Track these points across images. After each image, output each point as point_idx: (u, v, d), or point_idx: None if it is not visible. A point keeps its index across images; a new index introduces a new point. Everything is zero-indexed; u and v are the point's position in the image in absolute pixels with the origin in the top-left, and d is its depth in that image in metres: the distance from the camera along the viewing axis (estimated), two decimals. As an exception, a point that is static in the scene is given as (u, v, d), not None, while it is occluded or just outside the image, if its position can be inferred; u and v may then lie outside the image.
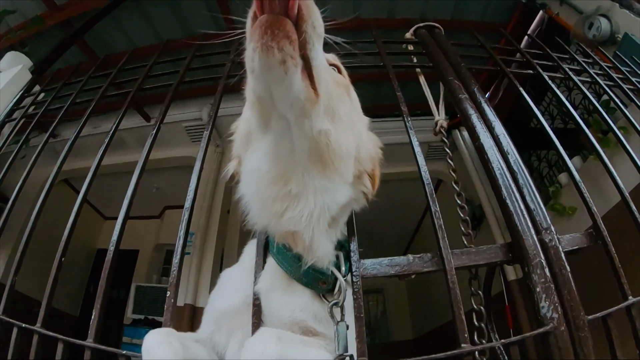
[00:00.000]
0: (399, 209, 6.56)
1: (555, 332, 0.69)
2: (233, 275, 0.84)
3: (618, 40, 2.51)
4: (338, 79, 0.73)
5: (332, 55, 0.77)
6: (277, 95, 0.59)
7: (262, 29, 0.53)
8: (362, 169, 0.78)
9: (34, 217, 1.07)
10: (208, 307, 0.81)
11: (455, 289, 0.74)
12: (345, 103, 0.72)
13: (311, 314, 0.70)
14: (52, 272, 0.86)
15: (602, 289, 2.12)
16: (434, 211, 0.82)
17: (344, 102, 0.71)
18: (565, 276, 0.74)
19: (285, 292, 0.72)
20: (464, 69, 1.23)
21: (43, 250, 1.54)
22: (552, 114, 3.76)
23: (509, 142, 0.96)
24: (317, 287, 0.71)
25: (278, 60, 0.54)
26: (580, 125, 1.21)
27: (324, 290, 0.71)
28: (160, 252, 6.57)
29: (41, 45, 3.47)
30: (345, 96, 0.73)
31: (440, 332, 6.55)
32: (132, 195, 1.03)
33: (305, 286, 0.71)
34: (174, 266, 0.82)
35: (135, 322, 5.09)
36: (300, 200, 0.66)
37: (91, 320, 0.74)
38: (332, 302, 0.68)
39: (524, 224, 0.81)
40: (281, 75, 0.55)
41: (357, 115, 0.79)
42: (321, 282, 0.71)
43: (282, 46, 0.53)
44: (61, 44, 2.06)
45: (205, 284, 4.27)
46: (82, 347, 0.75)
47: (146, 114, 4.53)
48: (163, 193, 5.92)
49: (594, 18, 2.64)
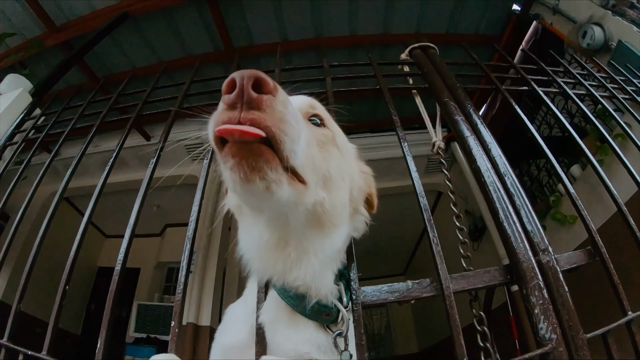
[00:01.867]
0: (400, 222, 6.55)
1: (554, 352, 0.70)
2: (237, 311, 0.83)
3: (612, 48, 2.54)
4: (321, 136, 0.70)
5: (309, 104, 0.75)
6: (264, 205, 0.60)
7: (236, 160, 0.51)
8: (357, 203, 0.79)
9: (38, 241, 1.08)
10: (214, 344, 0.79)
11: (454, 314, 0.74)
12: (334, 157, 0.70)
13: (315, 345, 0.70)
14: (57, 299, 0.87)
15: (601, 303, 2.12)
16: (432, 237, 0.83)
17: (332, 158, 0.69)
18: (564, 296, 0.75)
19: (289, 324, 0.71)
20: (459, 89, 1.25)
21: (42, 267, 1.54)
22: (549, 123, 3.79)
23: (505, 163, 0.97)
24: (320, 319, 0.71)
25: (261, 188, 0.52)
26: (575, 138, 1.23)
27: (328, 322, 0.71)
28: (162, 270, 6.56)
29: (41, 65, 3.52)
30: (332, 151, 0.71)
31: (445, 345, 6.47)
32: (135, 221, 1.03)
33: (309, 319, 0.71)
34: (177, 295, 0.82)
35: (137, 341, 5.05)
36: (302, 262, 0.66)
37: (96, 350, 0.75)
38: (335, 332, 0.68)
39: (521, 246, 0.81)
40: (267, 196, 0.54)
41: (346, 157, 0.77)
42: (324, 315, 0.71)
43: (264, 175, 0.52)
44: (61, 66, 2.08)
45: (207, 302, 4.26)
46: None
47: (146, 133, 4.57)
48: (164, 211, 5.94)
49: (588, 27, 2.67)
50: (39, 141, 1.52)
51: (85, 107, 1.49)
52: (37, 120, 1.66)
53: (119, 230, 6.34)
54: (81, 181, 3.72)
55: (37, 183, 1.29)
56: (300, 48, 3.97)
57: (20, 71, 2.76)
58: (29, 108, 1.83)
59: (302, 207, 0.61)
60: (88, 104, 1.51)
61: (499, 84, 1.38)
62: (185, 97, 1.47)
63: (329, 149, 0.70)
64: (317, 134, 0.68)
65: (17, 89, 1.95)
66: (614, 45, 2.60)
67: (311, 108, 0.74)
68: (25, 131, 1.64)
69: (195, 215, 0.99)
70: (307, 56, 3.98)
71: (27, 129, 1.66)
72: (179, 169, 3.81)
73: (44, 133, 1.52)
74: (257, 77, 0.49)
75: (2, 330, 0.93)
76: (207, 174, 1.17)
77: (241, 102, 0.50)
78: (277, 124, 0.51)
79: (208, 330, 4.06)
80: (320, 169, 0.63)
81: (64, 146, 1.45)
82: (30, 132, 1.62)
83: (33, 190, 1.27)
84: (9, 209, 1.37)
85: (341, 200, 0.70)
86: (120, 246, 0.96)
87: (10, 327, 0.90)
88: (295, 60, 3.99)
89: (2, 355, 0.86)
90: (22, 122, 1.74)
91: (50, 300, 0.94)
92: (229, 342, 0.77)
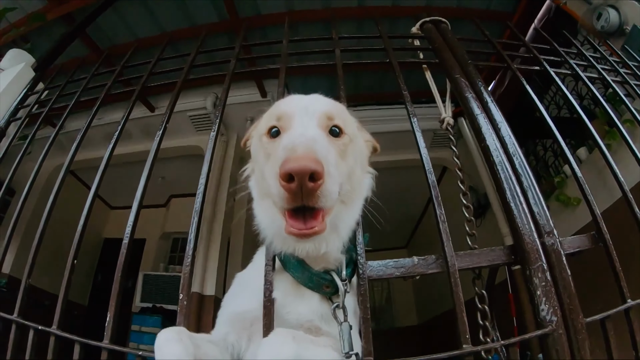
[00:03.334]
0: (404, 195, 6.57)
1: (554, 334, 0.71)
2: (247, 279, 0.88)
3: (626, 32, 2.45)
4: (341, 146, 0.75)
5: (327, 116, 0.77)
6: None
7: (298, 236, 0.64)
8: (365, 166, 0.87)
9: (45, 216, 1.10)
10: (222, 310, 0.84)
11: (459, 291, 0.76)
12: (351, 158, 0.77)
13: (318, 314, 0.75)
14: (65, 274, 0.89)
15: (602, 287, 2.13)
16: (439, 214, 0.84)
17: (351, 161, 0.77)
18: (566, 280, 0.76)
19: (296, 297, 0.77)
20: (471, 66, 1.22)
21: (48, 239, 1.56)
22: (558, 104, 3.72)
23: (514, 143, 0.96)
24: (321, 290, 0.76)
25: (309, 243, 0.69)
26: (585, 122, 1.21)
27: (329, 293, 0.76)
28: (167, 240, 6.64)
29: (43, 39, 3.45)
30: (349, 153, 0.77)
31: (445, 318, 6.63)
32: (142, 195, 1.04)
33: (312, 290, 0.77)
34: (184, 268, 0.84)
35: (143, 310, 5.14)
36: (321, 243, 0.73)
37: (106, 321, 0.77)
38: (334, 304, 0.73)
39: (527, 227, 0.82)
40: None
41: (357, 146, 0.83)
42: (325, 286, 0.76)
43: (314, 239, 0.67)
44: (63, 40, 2.04)
45: (212, 272, 4.33)
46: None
47: (150, 105, 4.53)
48: (169, 182, 5.96)
49: (603, 8, 2.57)
50: (43, 116, 1.51)
51: (88, 80, 1.47)
52: (40, 95, 1.65)
53: (124, 202, 6.40)
54: (85, 154, 3.72)
55: (42, 158, 1.29)
56: (308, 19, 3.86)
57: (22, 45, 2.71)
58: (32, 83, 1.81)
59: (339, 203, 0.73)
60: (92, 77, 1.49)
61: (511, 62, 1.34)
62: (191, 69, 1.44)
63: (347, 154, 0.76)
64: (338, 146, 0.74)
65: (20, 63, 1.92)
66: (629, 30, 2.50)
67: (329, 120, 0.76)
68: (29, 106, 1.62)
69: (202, 188, 0.98)
70: (315, 27, 3.87)
71: (30, 104, 1.65)
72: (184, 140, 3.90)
73: (47, 107, 1.51)
74: (311, 171, 0.60)
75: (12, 304, 0.95)
76: (214, 148, 1.15)
77: (300, 194, 0.61)
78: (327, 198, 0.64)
79: (212, 299, 4.16)
80: (343, 174, 0.72)
81: (68, 119, 1.44)
82: (34, 107, 1.61)
83: (38, 165, 1.27)
84: (15, 184, 1.38)
85: (357, 180, 0.79)
86: (125, 217, 0.97)
87: (19, 303, 0.92)
88: (302, 32, 3.89)
89: (13, 330, 0.88)
90: (26, 97, 1.72)
91: (57, 271, 0.96)
92: (238, 309, 0.81)
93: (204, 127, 4.98)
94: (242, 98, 4.55)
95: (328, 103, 0.82)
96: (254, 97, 4.71)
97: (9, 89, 1.67)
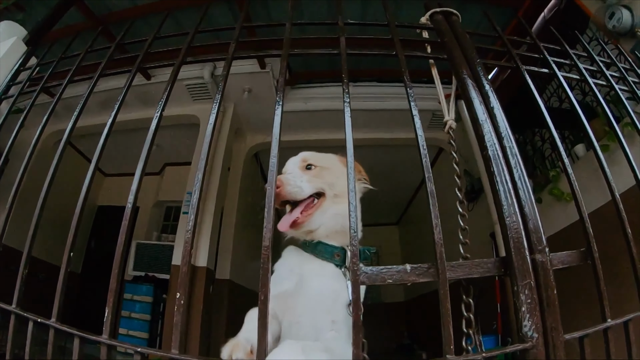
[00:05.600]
0: (398, 173, 6.63)
1: (534, 350, 0.74)
2: (280, 268, 1.14)
3: (638, 35, 2.40)
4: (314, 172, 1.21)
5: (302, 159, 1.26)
6: None
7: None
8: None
9: (46, 189, 1.08)
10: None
11: (447, 302, 0.77)
12: (326, 175, 1.21)
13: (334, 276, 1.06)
14: (62, 266, 0.88)
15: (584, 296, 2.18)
16: (435, 224, 0.84)
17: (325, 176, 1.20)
18: (551, 297, 0.78)
19: (315, 268, 1.08)
20: (480, 65, 1.19)
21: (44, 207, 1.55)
22: (560, 97, 3.69)
23: (516, 154, 0.96)
24: (334, 259, 1.08)
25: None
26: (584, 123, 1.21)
27: (340, 261, 1.07)
28: (160, 208, 6.66)
29: (38, 6, 3.29)
30: (322, 174, 1.21)
31: (427, 297, 6.85)
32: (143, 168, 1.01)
33: (327, 260, 1.08)
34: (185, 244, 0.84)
35: (136, 279, 5.21)
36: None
37: (105, 317, 0.78)
38: (343, 267, 1.06)
39: (520, 243, 0.83)
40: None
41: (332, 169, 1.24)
42: (336, 255, 1.08)
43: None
44: (57, 9, 1.94)
45: (204, 243, 4.36)
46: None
47: (147, 73, 4.42)
48: (163, 150, 5.92)
49: (616, 8, 2.50)
50: (37, 91, 1.46)
51: (83, 55, 1.42)
52: (32, 72, 1.58)
53: (118, 169, 6.35)
54: (80, 122, 3.66)
55: (40, 131, 1.26)
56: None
57: (17, 14, 2.58)
58: (24, 57, 1.73)
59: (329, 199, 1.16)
60: (86, 52, 1.44)
61: (521, 63, 1.32)
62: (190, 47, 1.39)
63: (322, 175, 1.19)
64: (314, 173, 1.20)
65: (11, 38, 1.83)
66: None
67: (303, 162, 1.23)
68: (21, 83, 1.57)
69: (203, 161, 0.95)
70: (319, 4, 3.76)
71: (23, 79, 1.59)
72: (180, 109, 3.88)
73: (41, 84, 1.46)
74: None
75: (5, 279, 0.94)
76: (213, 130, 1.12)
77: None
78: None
79: (204, 271, 4.23)
80: (325, 183, 1.17)
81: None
82: (26, 84, 1.55)
83: (36, 139, 1.25)
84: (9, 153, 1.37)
85: (341, 188, 1.15)
86: (119, 185, 0.97)
87: (17, 294, 0.92)
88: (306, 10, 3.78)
89: (12, 322, 0.89)
90: (18, 73, 1.65)
91: (52, 241, 0.95)
92: (278, 291, 1.02)
93: (201, 96, 4.90)
94: (240, 69, 4.45)
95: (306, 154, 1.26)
96: (252, 68, 4.62)
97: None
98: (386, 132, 5.45)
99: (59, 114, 2.03)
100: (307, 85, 5.13)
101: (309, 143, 5.39)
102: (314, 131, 5.43)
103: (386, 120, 5.20)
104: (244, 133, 5.73)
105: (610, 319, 0.85)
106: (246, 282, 5.51)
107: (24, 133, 1.42)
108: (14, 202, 1.20)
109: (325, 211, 1.13)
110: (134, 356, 0.78)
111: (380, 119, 5.17)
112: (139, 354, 0.75)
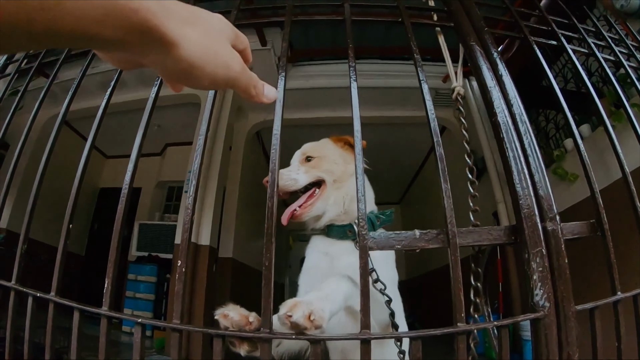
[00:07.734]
0: (400, 152, 6.57)
1: (545, 320, 0.73)
2: (311, 248, 1.28)
3: None
4: (313, 163, 1.30)
5: (302, 152, 1.35)
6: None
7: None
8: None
9: (41, 170, 1.06)
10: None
11: (457, 269, 0.76)
12: (325, 163, 1.30)
13: (350, 250, 1.14)
14: (60, 242, 0.87)
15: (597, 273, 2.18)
16: (445, 189, 0.82)
17: (324, 164, 1.30)
18: (563, 266, 0.76)
19: (337, 246, 1.19)
20: (488, 33, 1.15)
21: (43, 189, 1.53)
22: (565, 77, 3.61)
23: (526, 121, 0.93)
24: (347, 236, 1.18)
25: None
26: (594, 98, 1.17)
27: (353, 236, 1.16)
28: (162, 189, 6.66)
29: None
30: (321, 163, 1.30)
31: (428, 278, 6.91)
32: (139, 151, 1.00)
33: (343, 239, 1.19)
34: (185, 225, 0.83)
35: (139, 259, 5.25)
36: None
37: (105, 288, 0.76)
38: (355, 241, 1.12)
39: (531, 210, 0.81)
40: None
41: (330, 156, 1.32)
42: (348, 231, 1.18)
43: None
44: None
45: (207, 222, 4.36)
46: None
47: (145, 50, 4.34)
48: (164, 130, 5.87)
49: None
50: (32, 70, 1.41)
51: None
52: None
53: (120, 151, 6.32)
54: (79, 103, 3.60)
55: (35, 112, 1.23)
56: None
57: None
58: None
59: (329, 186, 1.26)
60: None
61: (529, 35, 1.27)
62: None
63: (321, 165, 1.28)
64: (312, 164, 1.29)
65: None
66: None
67: (303, 155, 1.32)
68: (18, 61, 1.52)
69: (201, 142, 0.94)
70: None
71: (20, 56, 1.54)
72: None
73: (38, 60, 1.42)
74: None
75: (10, 262, 0.93)
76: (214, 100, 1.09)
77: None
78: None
79: (207, 249, 4.24)
80: (323, 172, 1.27)
81: (60, 68, 1.36)
82: (23, 62, 1.51)
83: (32, 120, 1.22)
84: (8, 137, 1.33)
85: (341, 172, 1.27)
86: (121, 166, 0.95)
87: (17, 269, 0.91)
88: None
89: (12, 297, 0.87)
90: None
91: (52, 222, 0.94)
92: (308, 265, 1.23)
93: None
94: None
95: (306, 146, 1.37)
96: (253, 45, 4.52)
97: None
98: (388, 110, 5.37)
99: (60, 97, 1.99)
100: (308, 62, 5.03)
101: (310, 121, 5.34)
102: (315, 109, 5.37)
103: (389, 98, 5.12)
104: (246, 111, 5.66)
105: (620, 292, 0.84)
106: (249, 260, 5.55)
107: (25, 117, 1.39)
108: (10, 186, 1.17)
109: (328, 198, 1.23)
110: (134, 328, 0.77)
111: (382, 97, 5.08)
112: (140, 325, 0.74)
